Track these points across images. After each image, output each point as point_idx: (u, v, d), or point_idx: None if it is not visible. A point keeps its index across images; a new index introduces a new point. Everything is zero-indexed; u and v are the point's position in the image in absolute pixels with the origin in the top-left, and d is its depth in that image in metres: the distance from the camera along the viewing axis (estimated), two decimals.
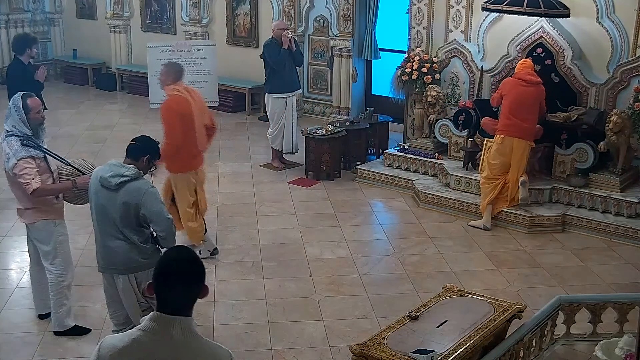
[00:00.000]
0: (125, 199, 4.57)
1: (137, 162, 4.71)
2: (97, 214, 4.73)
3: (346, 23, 11.50)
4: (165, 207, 4.77)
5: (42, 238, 5.47)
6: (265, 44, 9.58)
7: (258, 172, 9.64)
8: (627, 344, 4.60)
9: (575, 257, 7.16)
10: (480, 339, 4.42)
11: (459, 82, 9.24)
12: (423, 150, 9.13)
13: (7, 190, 8.68)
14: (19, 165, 5.12)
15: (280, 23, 9.83)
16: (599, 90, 8.22)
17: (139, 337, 2.65)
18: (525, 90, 7.72)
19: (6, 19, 14.88)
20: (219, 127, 11.32)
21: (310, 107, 12.42)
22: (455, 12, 9.21)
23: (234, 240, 7.45)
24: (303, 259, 7.04)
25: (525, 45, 8.54)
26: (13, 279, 6.64)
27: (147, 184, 4.67)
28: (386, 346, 4.27)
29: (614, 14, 8.14)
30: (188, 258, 2.72)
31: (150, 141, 4.86)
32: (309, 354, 5.41)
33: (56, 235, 5.48)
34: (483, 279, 6.68)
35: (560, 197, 8.06)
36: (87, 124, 11.73)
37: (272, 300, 6.22)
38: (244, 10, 13.01)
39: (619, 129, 7.67)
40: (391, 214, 8.53)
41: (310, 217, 8.11)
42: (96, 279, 5.20)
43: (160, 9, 14.18)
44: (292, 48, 9.41)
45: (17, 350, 5.45)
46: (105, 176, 4.63)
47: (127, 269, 4.71)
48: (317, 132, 9.34)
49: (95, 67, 15.13)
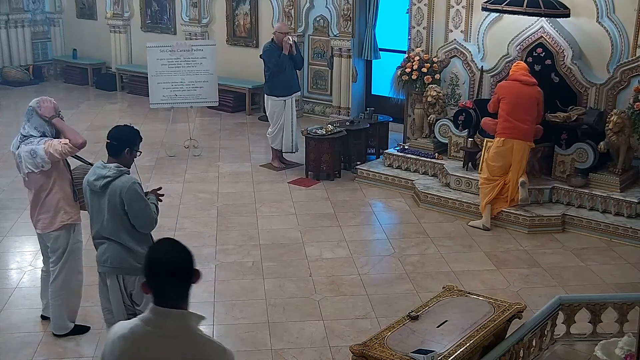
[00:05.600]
0: (110, 198, 4.55)
1: (120, 158, 4.65)
2: (92, 217, 4.72)
3: (346, 23, 11.50)
4: (147, 202, 4.67)
5: (57, 247, 5.47)
6: (265, 47, 9.53)
7: (258, 172, 9.64)
8: (627, 344, 4.60)
9: (575, 257, 7.16)
10: (480, 339, 4.42)
11: (459, 82, 9.24)
12: (423, 150, 9.13)
13: (7, 190, 8.74)
14: (46, 145, 5.19)
15: (282, 26, 9.70)
16: (599, 90, 8.22)
17: (136, 327, 2.73)
18: (523, 91, 7.72)
19: (6, 19, 14.89)
20: (219, 127, 11.36)
21: (310, 107, 12.42)
22: (455, 12, 9.21)
23: (234, 240, 7.45)
24: (303, 259, 7.04)
25: (525, 45, 8.54)
26: (13, 279, 6.64)
27: (129, 180, 4.57)
28: (386, 346, 4.27)
29: (614, 14, 8.14)
30: (174, 249, 2.77)
31: (124, 133, 4.71)
32: (309, 354, 5.41)
33: (72, 243, 5.49)
34: (483, 279, 6.68)
35: (560, 197, 8.06)
36: (87, 124, 11.74)
37: (272, 300, 6.22)
38: (244, 10, 13.01)
39: (619, 129, 7.67)
40: (391, 214, 8.53)
41: (310, 217, 8.11)
42: (96, 279, 5.19)
43: (160, 9, 14.18)
44: (293, 52, 9.40)
45: (17, 350, 5.45)
46: (90, 180, 4.62)
47: (117, 269, 4.68)
48: (317, 132, 9.33)
49: (95, 67, 15.13)
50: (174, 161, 10.08)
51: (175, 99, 10.24)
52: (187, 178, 9.40)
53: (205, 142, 10.81)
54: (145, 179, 8.59)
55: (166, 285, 2.70)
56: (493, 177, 7.87)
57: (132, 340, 2.72)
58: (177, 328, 2.69)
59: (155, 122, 12.02)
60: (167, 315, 2.69)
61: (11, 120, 11.79)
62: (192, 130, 10.62)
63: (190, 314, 2.75)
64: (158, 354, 2.68)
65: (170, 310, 2.69)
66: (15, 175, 5.61)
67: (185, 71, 10.17)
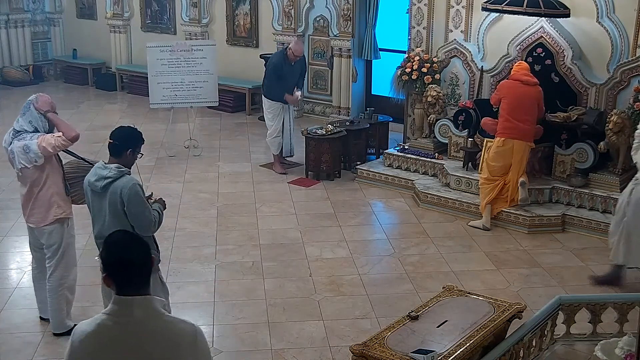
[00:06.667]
0: (111, 199, 4.57)
1: (121, 158, 4.67)
2: (94, 217, 4.74)
3: (346, 23, 11.51)
4: (146, 204, 4.68)
5: (52, 242, 5.49)
6: (274, 61, 9.35)
7: (258, 172, 9.64)
8: (627, 344, 4.60)
9: (575, 257, 7.16)
10: (480, 339, 4.42)
11: (459, 82, 9.24)
12: (423, 150, 9.13)
13: (7, 190, 8.73)
14: (39, 139, 5.24)
15: (299, 49, 9.33)
16: (599, 90, 8.22)
17: (103, 321, 2.78)
18: (524, 91, 7.72)
19: (6, 19, 14.89)
20: (219, 127, 11.36)
21: (310, 107, 12.42)
22: (455, 12, 9.21)
23: (234, 240, 7.45)
24: (303, 259, 7.04)
25: (525, 45, 8.54)
26: (13, 279, 6.64)
27: (130, 181, 4.59)
28: (386, 346, 4.28)
29: (614, 14, 8.13)
30: (129, 239, 2.88)
31: (126, 134, 4.74)
32: (309, 354, 5.41)
33: (66, 238, 5.51)
34: (483, 279, 6.68)
35: (560, 197, 8.06)
36: (87, 124, 11.74)
37: (272, 300, 6.22)
38: (244, 10, 13.01)
39: (619, 129, 7.67)
40: (391, 214, 8.53)
41: (310, 217, 8.11)
42: (96, 279, 5.21)
43: (160, 9, 14.18)
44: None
45: (17, 350, 5.45)
46: (91, 180, 4.63)
47: None
48: (317, 132, 9.33)
49: (95, 67, 15.13)
50: (174, 161, 10.08)
51: (175, 99, 10.24)
52: (187, 178, 9.40)
53: (205, 142, 10.81)
54: (145, 179, 8.60)
55: (128, 275, 2.77)
56: (493, 177, 7.87)
57: (102, 335, 2.76)
58: (143, 312, 2.76)
59: (155, 122, 12.02)
60: (132, 303, 2.75)
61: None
62: (192, 130, 10.62)
63: (153, 297, 2.82)
64: (130, 342, 2.73)
65: (133, 298, 2.76)
66: (15, 175, 5.61)
67: (185, 71, 10.17)
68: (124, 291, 2.77)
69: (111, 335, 2.75)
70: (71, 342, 2.81)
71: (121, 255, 2.79)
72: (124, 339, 2.74)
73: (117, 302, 2.77)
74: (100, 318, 2.79)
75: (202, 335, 2.84)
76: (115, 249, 2.83)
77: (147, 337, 2.74)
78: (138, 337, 2.74)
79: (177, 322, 2.83)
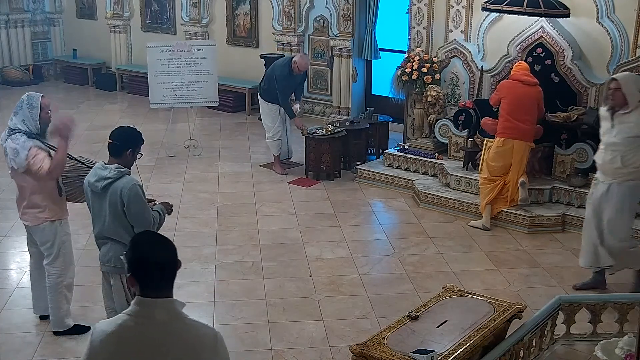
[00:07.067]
0: (111, 199, 4.57)
1: (121, 159, 4.66)
2: (94, 217, 4.74)
3: (346, 23, 11.51)
4: (146, 204, 4.68)
5: (45, 240, 5.49)
6: (278, 74, 9.29)
7: (258, 172, 9.64)
8: (627, 344, 4.60)
9: (575, 257, 7.13)
10: (480, 339, 4.42)
11: (459, 82, 9.24)
12: (423, 150, 9.13)
13: (7, 190, 8.72)
14: (31, 152, 5.22)
15: (305, 64, 9.35)
16: (599, 90, 8.21)
17: (125, 322, 2.75)
18: (524, 91, 7.72)
19: (6, 19, 14.89)
20: (219, 127, 11.36)
21: (310, 107, 12.41)
22: (455, 12, 9.21)
23: (234, 240, 7.45)
24: (303, 259, 7.04)
25: (525, 45, 8.54)
26: (13, 279, 6.64)
27: (130, 181, 4.58)
28: (386, 346, 4.28)
29: (614, 14, 8.13)
30: (157, 240, 2.85)
31: (127, 134, 4.73)
32: (309, 354, 5.41)
33: (60, 235, 5.51)
34: (483, 279, 6.68)
35: (560, 197, 8.06)
36: (87, 124, 11.74)
37: (272, 300, 6.22)
38: (244, 10, 13.01)
39: None
40: (391, 214, 8.53)
41: (310, 217, 8.11)
42: (96, 279, 5.20)
43: (160, 9, 14.18)
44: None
45: (17, 350, 5.45)
46: (92, 181, 4.63)
47: (120, 269, 4.68)
48: (317, 132, 9.33)
49: (95, 67, 15.13)
50: (174, 161, 10.08)
51: (175, 99, 10.24)
52: (187, 178, 9.40)
53: (205, 142, 10.81)
54: (146, 179, 8.59)
55: (154, 277, 2.75)
56: (493, 177, 7.87)
57: (123, 336, 2.73)
58: (165, 314, 2.74)
59: (155, 122, 12.02)
60: (154, 305, 2.73)
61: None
62: (192, 130, 10.62)
63: (175, 300, 2.79)
64: (151, 343, 2.71)
65: (156, 300, 2.74)
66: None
67: (185, 71, 10.17)
68: (147, 292, 2.74)
69: (132, 336, 2.72)
70: (91, 342, 2.78)
71: (147, 255, 2.76)
72: (145, 340, 2.71)
73: (140, 303, 2.75)
74: (121, 318, 2.76)
75: (222, 341, 2.83)
76: (141, 248, 2.80)
77: (168, 340, 2.71)
78: (159, 339, 2.70)
79: (199, 326, 2.80)
